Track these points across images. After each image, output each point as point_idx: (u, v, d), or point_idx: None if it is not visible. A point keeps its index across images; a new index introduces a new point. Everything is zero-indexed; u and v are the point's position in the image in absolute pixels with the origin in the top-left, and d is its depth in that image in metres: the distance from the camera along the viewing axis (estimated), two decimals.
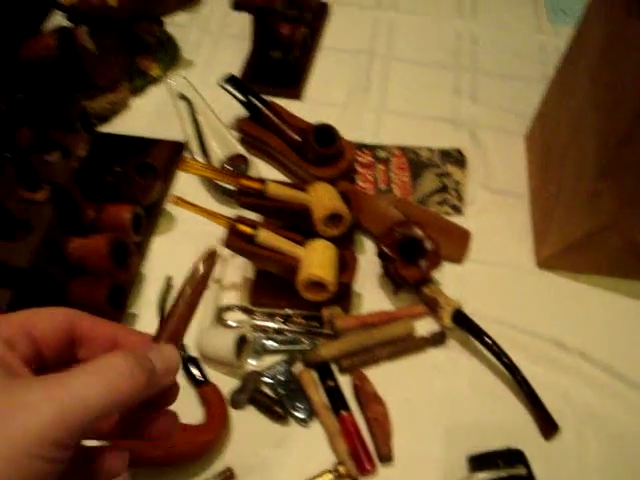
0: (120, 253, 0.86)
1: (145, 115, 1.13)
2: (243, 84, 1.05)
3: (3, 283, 0.73)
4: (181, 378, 0.85)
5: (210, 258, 0.45)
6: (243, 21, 1.17)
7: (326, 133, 0.99)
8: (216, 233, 0.87)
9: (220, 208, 0.99)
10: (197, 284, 0.44)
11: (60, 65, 0.92)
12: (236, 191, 0.90)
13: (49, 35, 0.89)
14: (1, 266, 0.73)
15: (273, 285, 0.89)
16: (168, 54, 1.19)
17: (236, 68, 1.19)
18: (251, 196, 0.88)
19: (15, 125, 0.80)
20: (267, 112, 1.04)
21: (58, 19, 1.21)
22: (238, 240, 0.84)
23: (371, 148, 1.09)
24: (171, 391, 0.42)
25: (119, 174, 0.93)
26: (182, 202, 0.84)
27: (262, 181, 0.87)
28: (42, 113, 0.83)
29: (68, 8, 1.02)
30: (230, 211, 0.93)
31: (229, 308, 0.90)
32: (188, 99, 1.05)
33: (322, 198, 0.88)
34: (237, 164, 1.01)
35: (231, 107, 1.06)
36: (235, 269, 0.94)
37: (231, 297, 0.92)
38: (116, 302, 0.85)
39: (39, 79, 0.87)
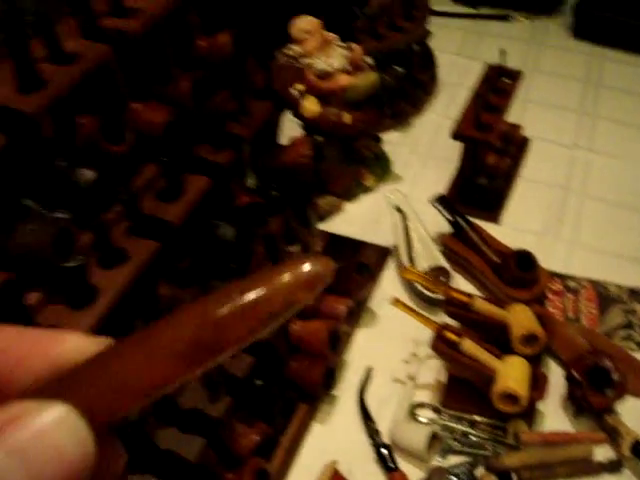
0: (333, 339, 0.98)
1: (357, 219, 1.26)
2: (451, 205, 1.17)
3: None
4: (373, 462, 0.94)
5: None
6: (449, 145, 1.29)
7: (525, 258, 1.08)
8: (414, 334, 0.97)
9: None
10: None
11: (310, 170, 1.07)
12: (443, 300, 1.00)
13: (303, 145, 1.04)
14: None
15: (464, 390, 0.98)
16: (381, 168, 1.33)
17: (440, 187, 1.31)
18: (457, 307, 0.98)
19: (268, 217, 0.94)
20: (471, 232, 1.14)
21: (290, 124, 1.37)
22: (443, 345, 0.94)
23: (562, 277, 1.17)
24: None
25: (338, 270, 1.05)
26: (399, 303, 0.95)
27: (470, 295, 0.97)
28: (289, 209, 0.97)
29: (310, 120, 1.18)
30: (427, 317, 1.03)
31: (421, 405, 0.98)
32: (402, 211, 1.17)
33: (521, 318, 0.97)
34: (439, 275, 1.11)
35: (437, 223, 1.18)
36: (429, 370, 1.03)
37: (423, 395, 1.00)
38: (326, 383, 0.96)
39: (291, 180, 1.02)
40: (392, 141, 1.42)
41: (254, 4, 1.15)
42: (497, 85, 1.28)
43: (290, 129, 1.24)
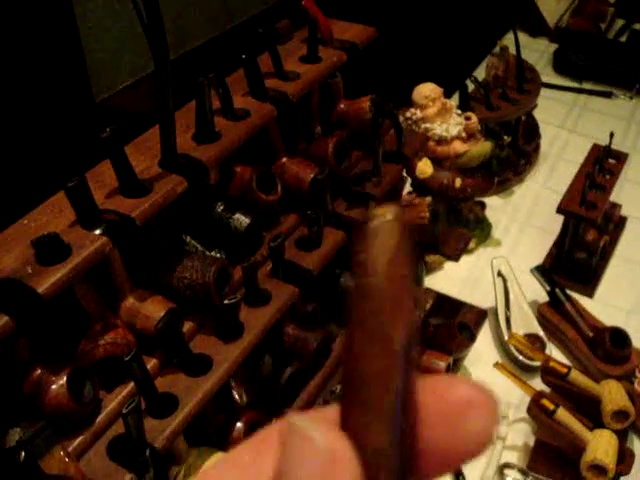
0: None
1: (456, 279, 1.32)
2: (551, 276, 1.22)
3: None
4: None
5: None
6: (547, 215, 1.35)
7: (619, 335, 1.13)
8: (505, 397, 1.03)
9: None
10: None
11: (426, 231, 1.14)
12: (537, 367, 1.05)
13: (422, 206, 1.11)
14: None
15: (551, 456, 1.02)
16: (483, 231, 1.39)
17: (536, 255, 1.36)
18: (554, 376, 1.03)
19: None
20: (567, 304, 1.19)
21: None
22: (538, 410, 0.99)
23: None
24: None
25: (439, 326, 1.12)
26: (502, 367, 1.00)
27: (568, 367, 1.02)
28: None
29: (422, 181, 1.25)
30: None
31: (509, 466, 1.03)
32: (504, 276, 1.23)
33: (614, 394, 1.01)
34: (534, 342, 1.16)
35: (533, 290, 1.24)
36: (518, 432, 1.08)
37: (511, 457, 1.05)
38: None
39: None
40: (494, 206, 1.49)
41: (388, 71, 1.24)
42: (603, 165, 1.33)
43: None
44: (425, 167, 1.26)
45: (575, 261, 1.31)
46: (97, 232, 0.68)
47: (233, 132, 0.80)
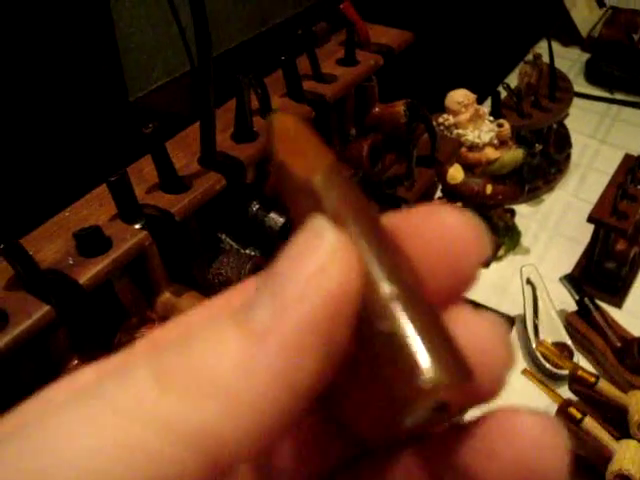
0: None
1: (484, 285, 1.32)
2: (580, 285, 1.22)
3: None
4: None
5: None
6: (576, 224, 1.35)
7: None
8: (530, 404, 1.02)
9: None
10: None
11: None
12: (563, 376, 1.05)
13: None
14: None
15: (577, 465, 1.02)
16: (512, 239, 1.39)
17: (565, 263, 1.36)
18: (581, 385, 1.02)
19: None
20: (596, 314, 1.19)
21: None
22: (565, 418, 0.98)
23: None
24: None
25: None
26: (529, 374, 1.00)
27: (596, 376, 1.02)
28: None
29: (452, 186, 1.25)
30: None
31: None
32: (532, 284, 1.23)
33: None
34: (562, 351, 1.16)
35: (561, 299, 1.23)
36: None
37: None
38: None
39: None
40: (523, 214, 1.48)
41: (420, 76, 1.24)
42: (635, 175, 1.33)
43: None
44: (456, 173, 1.27)
45: (604, 271, 1.30)
46: (137, 226, 0.69)
47: None
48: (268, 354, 0.16)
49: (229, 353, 0.17)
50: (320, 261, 0.17)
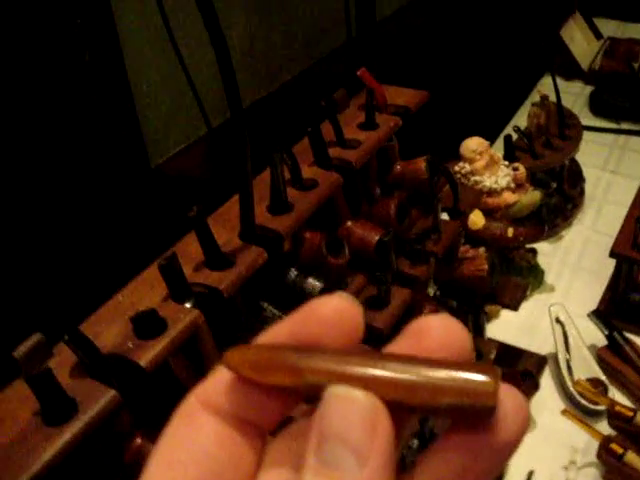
0: None
1: (512, 326, 1.35)
2: (608, 320, 1.24)
3: None
4: None
5: None
6: (597, 257, 1.38)
7: None
8: (571, 442, 1.04)
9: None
10: None
11: (486, 282, 1.18)
12: (601, 411, 1.07)
13: (480, 259, 1.15)
14: None
15: None
16: (536, 278, 1.42)
17: (590, 298, 1.38)
18: (620, 420, 1.04)
19: None
20: (626, 347, 1.21)
21: None
22: (607, 455, 1.00)
23: None
24: None
25: (503, 375, 1.14)
26: (569, 413, 1.03)
27: (634, 410, 1.04)
28: (465, 318, 1.08)
29: (474, 232, 1.29)
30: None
31: None
32: (561, 322, 1.25)
33: None
34: (596, 387, 1.18)
35: (590, 334, 1.26)
36: (586, 477, 1.09)
37: None
38: None
39: (467, 290, 1.13)
40: (544, 251, 1.51)
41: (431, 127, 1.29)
42: None
43: None
44: (477, 219, 1.30)
45: (631, 303, 1.33)
46: (188, 305, 0.73)
47: (304, 202, 0.85)
48: None
49: None
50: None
